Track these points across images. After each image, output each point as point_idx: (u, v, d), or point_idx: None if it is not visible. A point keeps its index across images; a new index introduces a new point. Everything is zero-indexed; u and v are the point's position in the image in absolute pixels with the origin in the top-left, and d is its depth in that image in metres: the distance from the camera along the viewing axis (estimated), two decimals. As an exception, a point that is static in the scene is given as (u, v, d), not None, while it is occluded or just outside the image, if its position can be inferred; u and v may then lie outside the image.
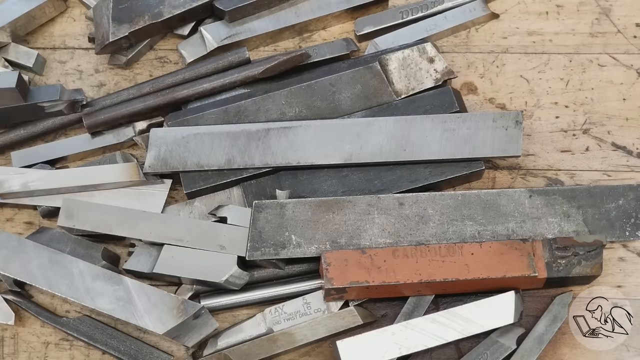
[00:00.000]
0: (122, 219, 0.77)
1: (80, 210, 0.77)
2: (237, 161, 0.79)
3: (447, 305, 0.77)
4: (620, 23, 0.89)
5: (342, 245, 0.76)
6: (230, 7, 0.84)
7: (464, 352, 0.77)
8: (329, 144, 0.79)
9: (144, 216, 0.77)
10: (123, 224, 0.77)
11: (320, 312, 0.76)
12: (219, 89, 0.83)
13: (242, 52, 0.84)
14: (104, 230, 0.76)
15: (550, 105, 0.86)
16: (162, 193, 0.81)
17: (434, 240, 0.77)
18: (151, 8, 0.84)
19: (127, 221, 0.77)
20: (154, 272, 0.76)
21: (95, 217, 0.77)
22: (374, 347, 0.73)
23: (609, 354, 0.77)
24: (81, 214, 0.77)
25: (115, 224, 0.77)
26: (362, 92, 0.82)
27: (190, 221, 0.77)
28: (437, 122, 0.80)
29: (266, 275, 0.79)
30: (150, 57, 0.89)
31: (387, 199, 0.77)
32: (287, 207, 0.77)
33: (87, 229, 0.76)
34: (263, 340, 0.75)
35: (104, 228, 0.76)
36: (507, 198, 0.78)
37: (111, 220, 0.77)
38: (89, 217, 0.77)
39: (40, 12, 0.88)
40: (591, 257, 0.75)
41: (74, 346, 0.78)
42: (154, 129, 0.80)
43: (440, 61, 0.83)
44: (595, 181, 0.83)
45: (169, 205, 0.81)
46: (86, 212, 0.77)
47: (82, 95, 0.82)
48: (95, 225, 0.76)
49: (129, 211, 0.77)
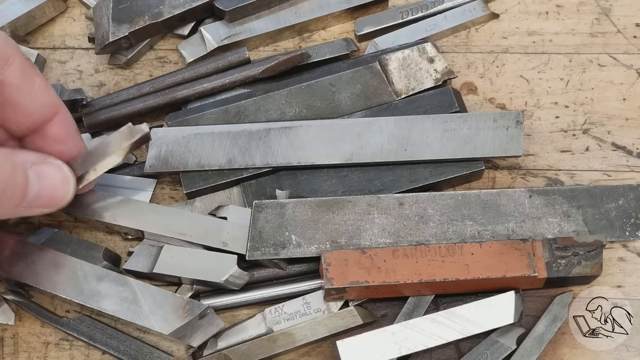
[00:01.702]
0: (126, 210, 0.77)
1: (85, 198, 0.77)
2: (237, 161, 0.79)
3: (447, 305, 0.77)
4: (620, 23, 0.89)
5: (342, 245, 0.76)
6: (230, 7, 0.84)
7: (464, 352, 0.77)
8: (330, 144, 0.79)
9: (150, 208, 0.77)
10: (128, 214, 0.77)
11: (320, 312, 0.76)
12: (219, 89, 0.83)
13: (242, 52, 0.84)
14: (108, 220, 0.76)
15: (550, 105, 0.86)
16: (147, 192, 0.81)
17: (434, 240, 0.77)
18: (151, 8, 0.84)
19: (131, 212, 0.77)
20: (154, 272, 0.76)
21: (100, 206, 0.77)
22: (374, 347, 0.73)
23: (609, 354, 0.77)
24: (86, 201, 0.77)
25: (120, 214, 0.77)
26: (362, 92, 0.82)
27: (194, 216, 0.77)
28: (437, 122, 0.80)
29: (266, 275, 0.79)
30: (150, 57, 0.89)
31: (387, 199, 0.77)
32: (287, 207, 0.77)
33: (92, 217, 0.77)
34: (263, 340, 0.75)
35: (109, 217, 0.77)
36: (507, 198, 0.78)
37: (115, 209, 0.77)
38: (93, 206, 0.77)
39: (40, 12, 0.88)
40: (591, 257, 0.75)
41: (74, 346, 0.78)
42: (155, 129, 0.80)
43: (440, 61, 0.83)
44: (595, 181, 0.83)
45: (169, 205, 0.81)
46: (91, 200, 0.77)
47: (82, 95, 0.83)
48: (99, 214, 0.77)
49: (135, 202, 0.77)
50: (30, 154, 0.68)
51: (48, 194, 0.67)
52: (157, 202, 0.82)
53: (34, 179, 0.66)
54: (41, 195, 0.66)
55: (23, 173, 0.65)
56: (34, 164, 0.66)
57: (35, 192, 0.66)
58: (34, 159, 0.67)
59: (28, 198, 0.66)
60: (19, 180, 0.65)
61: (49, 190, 0.67)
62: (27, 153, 0.68)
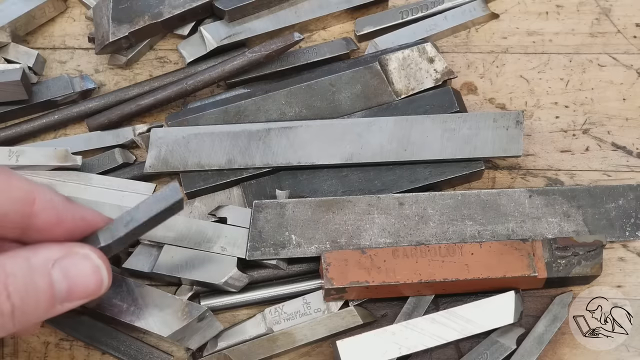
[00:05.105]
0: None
1: None
2: (237, 161, 0.79)
3: (447, 305, 0.77)
4: (620, 23, 0.89)
5: (342, 245, 0.76)
6: (230, 7, 0.84)
7: (464, 352, 0.77)
8: (330, 144, 0.79)
9: None
10: None
11: (320, 312, 0.76)
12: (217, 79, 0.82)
13: (242, 52, 0.84)
14: None
15: (550, 105, 0.86)
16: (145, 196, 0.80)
17: (434, 240, 0.77)
18: (151, 8, 0.84)
19: None
20: (154, 272, 0.76)
21: None
22: (374, 347, 0.73)
23: (609, 354, 0.77)
24: None
25: None
26: (362, 92, 0.82)
27: (192, 222, 0.77)
28: (438, 122, 0.80)
29: (266, 275, 0.79)
30: (150, 57, 0.89)
31: (387, 199, 0.77)
32: (287, 207, 0.77)
33: None
34: (263, 340, 0.75)
35: None
36: (507, 198, 0.78)
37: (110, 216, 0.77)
38: None
39: (40, 12, 0.88)
40: (591, 257, 0.75)
41: (74, 346, 0.78)
42: (155, 129, 0.80)
43: (440, 61, 0.83)
44: (595, 181, 0.83)
45: (169, 205, 0.81)
46: None
47: (93, 83, 0.84)
48: None
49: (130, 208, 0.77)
50: (53, 249, 0.62)
51: (81, 288, 0.62)
52: (157, 202, 0.82)
53: (60, 277, 0.61)
54: (73, 290, 0.62)
55: (43, 276, 0.60)
56: (57, 261, 0.61)
57: (66, 289, 0.61)
58: (57, 254, 0.62)
59: (59, 298, 0.61)
60: (40, 285, 0.60)
61: (80, 285, 0.62)
62: (49, 249, 0.62)
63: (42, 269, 0.60)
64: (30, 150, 0.79)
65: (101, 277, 0.63)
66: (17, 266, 0.59)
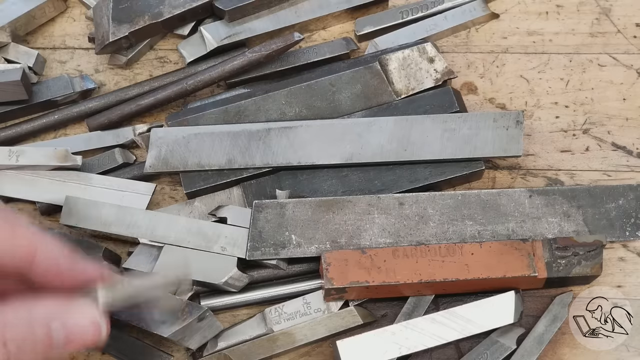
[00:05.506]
0: (121, 218, 0.77)
1: (81, 208, 0.77)
2: (237, 161, 0.79)
3: (447, 305, 0.77)
4: (620, 23, 0.89)
5: (342, 245, 0.76)
6: (230, 7, 0.84)
7: (464, 352, 0.77)
8: (330, 144, 0.79)
9: (145, 215, 0.77)
10: (122, 222, 0.76)
11: (320, 312, 0.76)
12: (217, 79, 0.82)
13: (242, 52, 0.84)
14: (102, 229, 0.76)
15: (550, 105, 0.86)
16: (145, 196, 0.80)
17: (434, 240, 0.77)
18: (151, 8, 0.84)
19: (127, 220, 0.77)
20: (154, 272, 0.76)
21: (96, 215, 0.77)
22: (374, 347, 0.73)
23: (609, 354, 0.77)
24: (82, 212, 0.77)
25: (115, 222, 0.77)
26: (362, 92, 0.82)
27: (192, 222, 0.77)
28: (438, 122, 0.80)
29: (266, 275, 0.78)
30: (150, 57, 0.89)
31: (387, 198, 0.77)
32: (287, 207, 0.77)
33: (88, 227, 0.76)
34: (263, 340, 0.75)
35: (103, 227, 0.76)
36: (507, 198, 0.78)
37: (111, 218, 0.76)
38: (90, 215, 0.77)
39: (40, 12, 0.88)
40: (591, 257, 0.75)
41: (74, 346, 0.78)
42: (155, 129, 0.80)
43: (440, 61, 0.83)
44: (595, 181, 0.83)
45: (169, 205, 0.81)
46: (87, 210, 0.77)
47: (93, 83, 0.84)
48: (94, 223, 0.76)
49: (130, 210, 0.77)
50: (51, 304, 0.63)
51: (78, 339, 0.63)
52: (157, 203, 0.82)
53: (59, 329, 0.62)
54: (71, 340, 0.62)
55: (42, 327, 0.61)
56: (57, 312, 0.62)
57: (63, 339, 0.62)
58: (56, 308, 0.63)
59: (56, 347, 0.62)
60: (38, 336, 0.61)
61: (78, 336, 0.63)
62: (47, 304, 0.63)
63: (41, 321, 0.61)
64: (30, 150, 0.79)
65: (99, 329, 0.64)
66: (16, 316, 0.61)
